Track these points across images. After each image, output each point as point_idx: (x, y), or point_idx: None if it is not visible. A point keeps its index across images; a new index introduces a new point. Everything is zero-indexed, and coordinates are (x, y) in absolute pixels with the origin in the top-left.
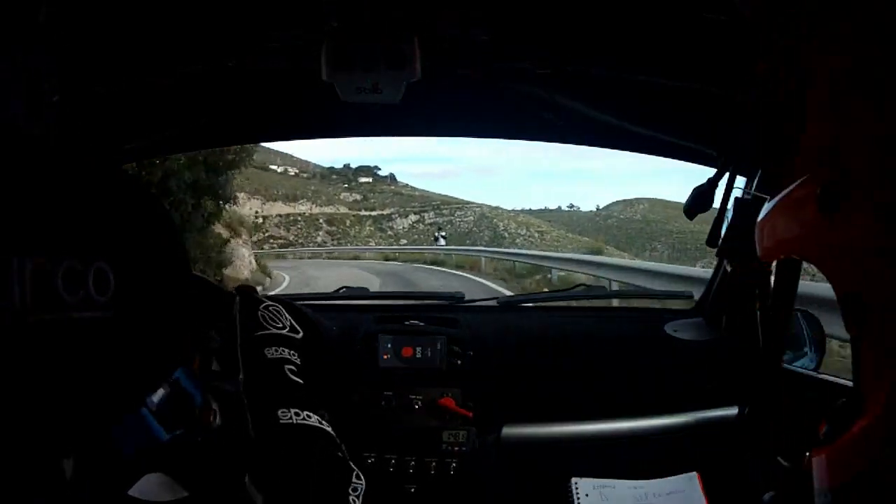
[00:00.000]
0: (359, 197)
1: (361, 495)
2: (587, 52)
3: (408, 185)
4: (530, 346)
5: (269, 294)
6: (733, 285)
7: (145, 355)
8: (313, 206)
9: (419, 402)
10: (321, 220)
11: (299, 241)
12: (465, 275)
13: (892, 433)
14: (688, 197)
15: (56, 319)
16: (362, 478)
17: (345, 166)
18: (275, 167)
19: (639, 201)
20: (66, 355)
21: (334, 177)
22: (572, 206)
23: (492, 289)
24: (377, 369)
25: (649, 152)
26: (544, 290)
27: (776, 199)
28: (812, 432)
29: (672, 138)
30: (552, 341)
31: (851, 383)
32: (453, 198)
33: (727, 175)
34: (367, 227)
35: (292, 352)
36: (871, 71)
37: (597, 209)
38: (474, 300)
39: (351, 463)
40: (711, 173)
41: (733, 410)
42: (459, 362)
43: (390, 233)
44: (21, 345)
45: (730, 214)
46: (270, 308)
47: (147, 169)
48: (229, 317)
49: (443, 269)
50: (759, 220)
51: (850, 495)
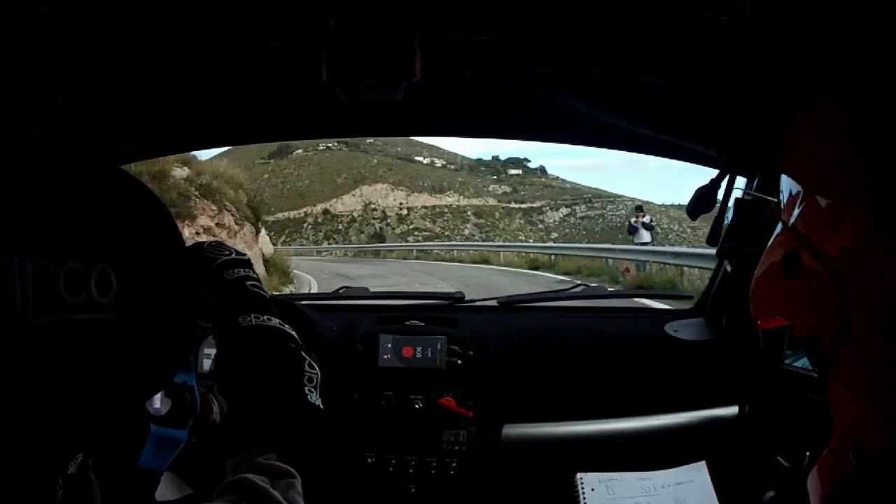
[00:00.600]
0: (508, 189)
1: (318, 385)
2: (587, 52)
3: (558, 177)
4: (530, 346)
5: (273, 294)
6: (733, 285)
7: (148, 357)
8: (461, 197)
9: (419, 402)
10: (469, 213)
11: (445, 233)
12: None
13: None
14: (691, 198)
15: (58, 321)
16: (316, 367)
17: (494, 158)
18: (420, 158)
19: None
20: (68, 357)
21: (483, 168)
22: None
23: None
24: (377, 369)
25: (649, 152)
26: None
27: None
28: (812, 432)
29: (672, 138)
30: (552, 341)
31: None
32: (604, 191)
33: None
34: (517, 220)
35: (250, 271)
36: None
37: None
38: (474, 300)
39: (303, 353)
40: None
41: (733, 410)
42: (459, 362)
43: (541, 226)
44: (23, 346)
45: (730, 214)
46: (212, 243)
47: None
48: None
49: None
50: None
51: None
